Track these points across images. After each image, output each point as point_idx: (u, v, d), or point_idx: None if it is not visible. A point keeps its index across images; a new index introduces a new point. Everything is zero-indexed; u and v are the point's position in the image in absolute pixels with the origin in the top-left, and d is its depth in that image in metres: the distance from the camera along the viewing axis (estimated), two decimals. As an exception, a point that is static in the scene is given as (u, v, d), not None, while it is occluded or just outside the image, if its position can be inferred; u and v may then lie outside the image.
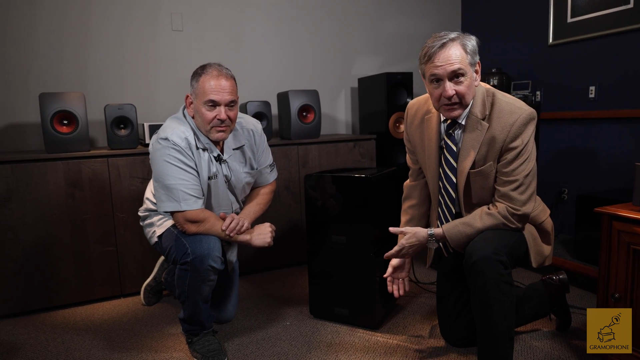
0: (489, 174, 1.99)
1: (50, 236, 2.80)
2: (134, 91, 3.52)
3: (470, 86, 1.93)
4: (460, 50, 1.88)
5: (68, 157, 2.82)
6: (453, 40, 1.88)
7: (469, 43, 1.91)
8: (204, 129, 2.18)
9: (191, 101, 2.21)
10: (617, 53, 3.21)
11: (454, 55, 1.87)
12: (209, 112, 2.13)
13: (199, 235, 2.12)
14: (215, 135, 2.18)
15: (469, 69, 1.91)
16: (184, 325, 2.27)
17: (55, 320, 2.74)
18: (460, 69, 1.88)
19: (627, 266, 1.83)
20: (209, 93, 2.10)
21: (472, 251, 1.90)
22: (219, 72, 2.13)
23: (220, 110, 2.13)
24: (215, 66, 2.15)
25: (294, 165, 3.48)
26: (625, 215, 1.82)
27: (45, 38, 3.23)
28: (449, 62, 1.87)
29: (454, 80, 1.90)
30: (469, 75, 1.91)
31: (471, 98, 1.97)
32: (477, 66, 1.95)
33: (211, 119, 2.13)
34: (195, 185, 2.15)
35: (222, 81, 2.12)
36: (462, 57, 1.88)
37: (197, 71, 2.16)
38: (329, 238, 2.53)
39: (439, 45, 1.88)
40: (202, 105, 2.13)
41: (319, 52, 4.14)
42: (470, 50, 1.90)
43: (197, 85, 2.14)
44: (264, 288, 3.16)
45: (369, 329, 2.53)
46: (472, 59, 1.91)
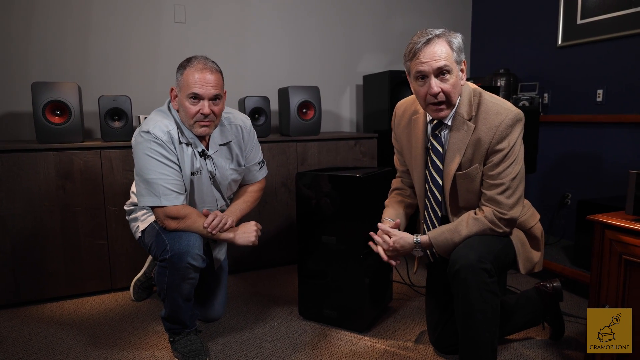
0: (475, 176, 1.92)
1: (39, 228, 2.77)
2: (134, 83, 3.48)
3: (456, 85, 1.87)
4: (446, 47, 1.82)
5: (60, 147, 2.78)
6: (439, 37, 1.82)
7: (455, 40, 1.85)
8: (188, 123, 2.12)
9: (176, 94, 2.15)
10: (626, 56, 3.12)
11: (440, 51, 1.81)
12: (193, 106, 2.07)
13: (180, 231, 2.07)
14: (198, 130, 2.12)
15: (455, 66, 1.85)
16: (166, 323, 2.22)
17: (42, 314, 2.70)
18: (446, 65, 1.82)
19: (619, 276, 1.76)
20: (193, 86, 2.04)
21: (455, 258, 1.83)
22: (204, 65, 2.07)
23: (204, 105, 2.07)
24: (201, 59, 2.09)
25: (292, 163, 3.42)
26: (617, 224, 1.74)
27: (45, 27, 3.20)
28: (435, 59, 1.81)
29: (440, 77, 1.84)
30: (455, 73, 1.85)
31: (457, 97, 1.91)
32: (462, 65, 1.89)
33: (194, 113, 2.07)
34: (177, 181, 2.09)
35: (206, 74, 2.06)
36: (448, 53, 1.82)
37: (183, 63, 2.10)
38: (318, 238, 2.47)
39: (424, 41, 1.82)
40: (185, 99, 2.07)
41: (325, 47, 4.07)
42: (456, 48, 1.84)
43: (181, 77, 2.08)
44: (256, 286, 3.11)
45: (357, 332, 2.46)
46: (457, 57, 1.85)
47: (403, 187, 2.35)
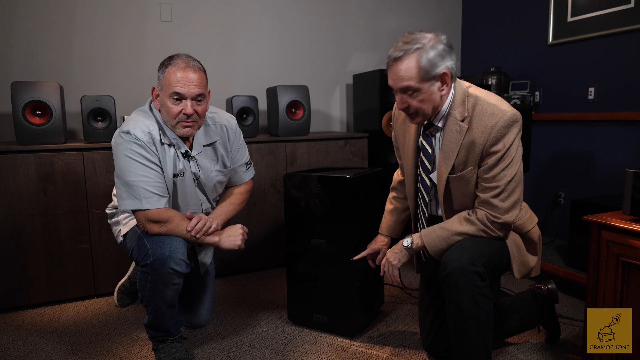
0: (470, 179, 1.85)
1: (19, 232, 2.68)
2: (120, 83, 3.40)
3: (427, 100, 1.80)
4: (412, 66, 1.74)
5: (40, 149, 2.69)
6: (408, 54, 1.74)
7: (425, 56, 1.73)
8: (170, 124, 2.04)
9: (157, 93, 2.06)
10: (617, 54, 3.08)
11: (404, 71, 1.75)
12: (175, 106, 1.99)
13: (162, 236, 1.99)
14: (181, 130, 2.04)
15: (424, 84, 1.77)
16: (149, 331, 2.14)
17: (22, 321, 2.61)
18: (409, 86, 1.77)
19: (616, 278, 1.70)
20: (175, 85, 1.96)
21: (447, 261, 1.78)
22: (187, 64, 1.99)
23: (187, 104, 1.99)
24: (183, 57, 2.01)
25: (281, 163, 3.35)
26: (614, 225, 1.68)
27: (26, 25, 3.11)
28: (399, 79, 1.77)
29: (407, 94, 1.80)
30: (424, 90, 1.78)
31: (432, 108, 1.83)
32: (441, 77, 1.78)
33: (177, 113, 2.00)
34: (159, 183, 2.01)
35: (189, 73, 1.98)
36: (412, 74, 1.75)
37: (164, 62, 2.02)
38: (308, 241, 2.40)
39: (393, 57, 1.77)
40: (167, 99, 1.99)
41: (314, 46, 4.01)
42: (426, 65, 1.74)
43: (163, 76, 2.00)
44: (244, 290, 3.03)
45: (348, 337, 2.39)
46: (427, 74, 1.75)
47: (399, 188, 2.31)
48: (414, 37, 1.76)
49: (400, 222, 2.30)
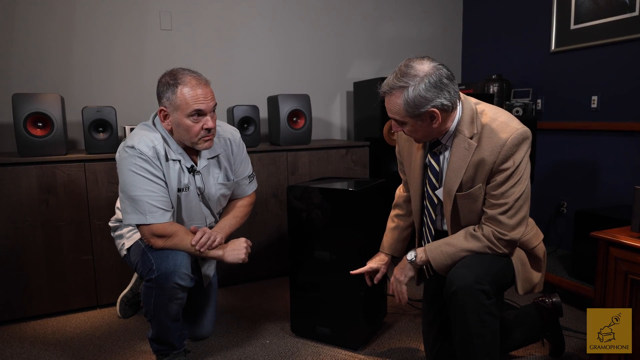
0: (478, 196, 1.85)
1: (22, 243, 2.67)
2: (120, 93, 3.39)
3: (418, 130, 1.82)
4: (399, 102, 1.74)
5: (42, 161, 2.68)
6: (394, 90, 1.74)
7: (409, 95, 1.71)
8: (190, 142, 2.04)
9: (166, 114, 2.03)
10: (621, 62, 3.07)
11: (391, 105, 1.78)
12: (196, 124, 1.99)
13: (167, 250, 1.99)
14: (203, 145, 2.05)
15: (409, 119, 1.78)
16: (153, 345, 2.13)
17: (25, 333, 2.60)
18: (397, 119, 1.81)
19: (624, 297, 1.70)
20: (193, 103, 1.95)
21: (452, 279, 1.77)
22: (197, 80, 1.98)
23: (208, 119, 2.00)
24: (188, 73, 1.99)
25: (282, 172, 3.35)
26: (623, 242, 1.68)
27: (26, 36, 3.10)
28: (388, 109, 1.81)
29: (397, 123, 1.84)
30: (410, 123, 1.80)
31: (424, 136, 1.86)
32: (429, 114, 1.76)
33: (198, 131, 2.00)
34: (163, 197, 2.01)
35: (203, 88, 1.98)
36: (399, 109, 1.76)
37: (168, 81, 1.98)
38: (311, 252, 2.39)
39: (383, 91, 1.79)
40: (185, 118, 1.97)
41: (314, 53, 4.00)
42: (410, 104, 1.72)
43: (175, 97, 1.96)
44: (246, 301, 3.02)
45: (351, 349, 2.39)
46: (413, 111, 1.74)
47: (403, 206, 2.29)
48: (406, 71, 1.72)
49: (402, 240, 2.28)
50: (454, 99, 1.77)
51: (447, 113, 1.79)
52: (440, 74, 1.73)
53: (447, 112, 1.78)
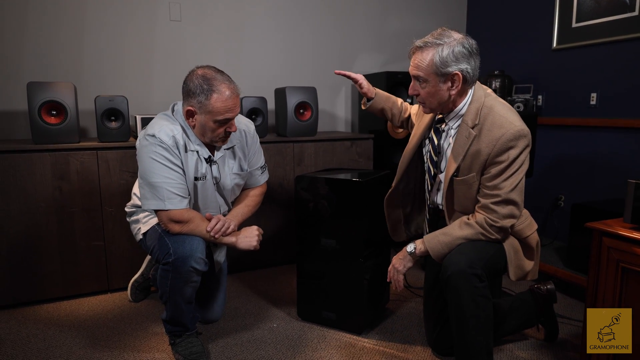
0: (472, 184, 1.97)
1: (35, 229, 2.75)
2: (130, 82, 3.46)
3: (432, 94, 1.94)
4: (427, 58, 1.88)
5: (56, 148, 2.76)
6: (427, 47, 1.89)
7: (440, 53, 1.86)
8: (209, 140, 2.15)
9: (193, 113, 2.09)
10: (620, 61, 3.15)
11: (420, 60, 1.90)
12: (220, 128, 2.10)
13: (183, 235, 2.08)
14: (220, 143, 2.19)
15: (433, 77, 1.90)
16: (167, 326, 2.23)
17: (39, 315, 2.69)
18: (419, 76, 1.92)
19: (615, 284, 1.78)
20: (224, 113, 2.04)
21: (447, 265, 1.89)
22: (231, 90, 2.05)
23: (232, 124, 2.12)
24: (222, 80, 2.05)
25: (288, 163, 3.43)
26: (616, 232, 1.77)
27: (40, 26, 3.17)
28: (413, 66, 1.94)
29: (419, 82, 1.95)
30: (432, 83, 1.91)
31: (437, 103, 1.97)
32: (452, 76, 1.89)
33: (221, 133, 2.12)
34: (181, 185, 2.09)
35: (235, 99, 2.07)
36: (428, 65, 1.89)
37: (202, 85, 2.02)
38: (317, 241, 2.48)
39: (416, 46, 1.92)
40: (212, 122, 2.06)
41: (320, 47, 4.07)
42: (440, 60, 1.86)
43: (208, 102, 2.02)
44: (254, 287, 3.12)
45: (356, 333, 2.48)
46: (439, 69, 1.87)
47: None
48: (442, 33, 1.89)
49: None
50: (475, 73, 1.92)
51: (465, 86, 1.92)
52: (472, 43, 1.90)
53: (466, 83, 1.91)
